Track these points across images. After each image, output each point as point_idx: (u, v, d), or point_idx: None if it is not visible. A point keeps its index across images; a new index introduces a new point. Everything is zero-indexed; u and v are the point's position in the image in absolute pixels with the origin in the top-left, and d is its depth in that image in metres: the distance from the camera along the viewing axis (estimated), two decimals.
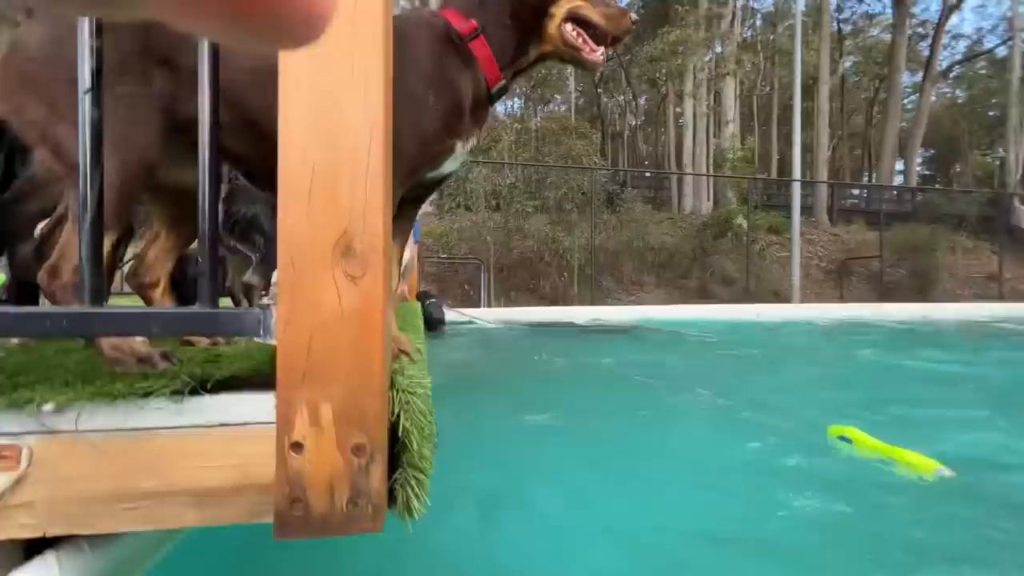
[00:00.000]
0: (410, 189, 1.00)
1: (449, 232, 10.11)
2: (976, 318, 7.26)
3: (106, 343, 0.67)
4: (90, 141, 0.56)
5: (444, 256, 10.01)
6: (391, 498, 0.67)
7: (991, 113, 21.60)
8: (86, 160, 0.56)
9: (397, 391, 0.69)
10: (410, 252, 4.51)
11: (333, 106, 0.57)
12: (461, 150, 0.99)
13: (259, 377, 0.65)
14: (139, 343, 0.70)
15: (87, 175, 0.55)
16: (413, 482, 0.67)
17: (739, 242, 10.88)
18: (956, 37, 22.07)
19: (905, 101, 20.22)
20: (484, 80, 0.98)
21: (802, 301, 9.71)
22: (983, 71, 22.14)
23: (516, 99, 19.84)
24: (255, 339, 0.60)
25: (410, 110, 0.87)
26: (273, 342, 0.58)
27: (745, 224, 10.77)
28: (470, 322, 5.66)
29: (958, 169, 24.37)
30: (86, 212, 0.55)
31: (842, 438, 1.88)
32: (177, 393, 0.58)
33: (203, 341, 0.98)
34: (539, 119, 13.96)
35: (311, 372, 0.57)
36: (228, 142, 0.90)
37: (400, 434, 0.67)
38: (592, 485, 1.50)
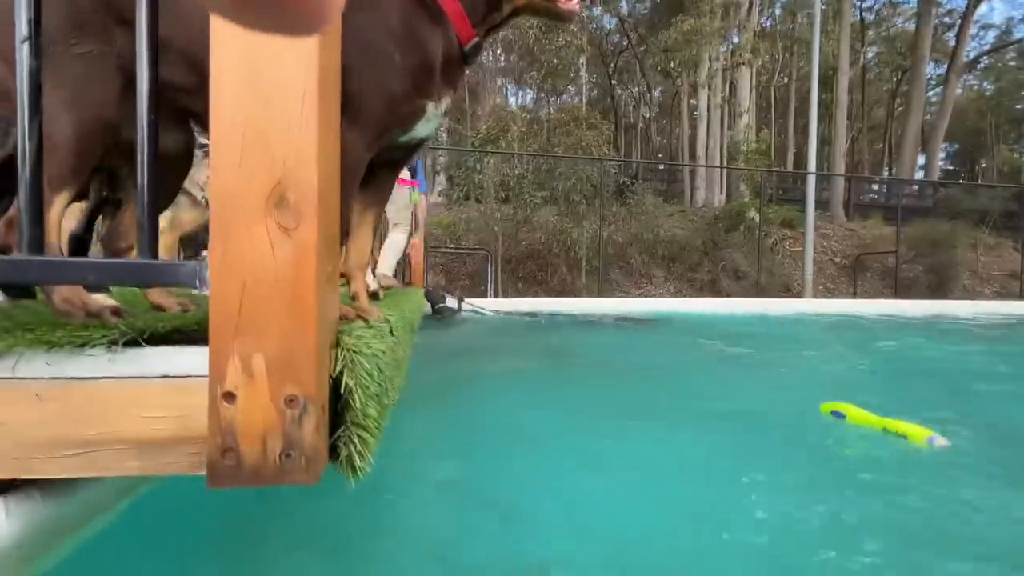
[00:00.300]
0: (382, 153, 0.98)
1: (457, 223, 10.13)
2: (993, 314, 7.06)
3: (57, 297, 0.68)
4: (28, 91, 0.56)
5: (452, 247, 10.04)
6: (335, 454, 0.68)
7: (1019, 106, 20.86)
8: (24, 111, 0.56)
9: (341, 349, 0.69)
10: (424, 203, 4.37)
11: (267, 58, 0.57)
12: (433, 111, 0.96)
13: (202, 332, 0.65)
14: (90, 298, 0.71)
15: (25, 126, 0.56)
16: (356, 440, 0.68)
17: (751, 236, 10.71)
18: (985, 27, 21.33)
19: (929, 93, 19.61)
20: (456, 37, 0.95)
21: (814, 296, 9.55)
22: (1012, 62, 21.37)
23: (528, 90, 19.72)
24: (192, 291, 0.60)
25: (376, 69, 0.86)
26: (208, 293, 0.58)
27: (757, 217, 10.59)
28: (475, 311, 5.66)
29: (983, 164, 23.63)
30: (25, 163, 0.56)
31: (835, 413, 1.91)
32: (114, 343, 0.59)
33: (174, 307, 0.99)
34: (551, 111, 13.85)
35: (243, 323, 0.57)
36: (194, 105, 0.90)
37: (343, 391, 0.67)
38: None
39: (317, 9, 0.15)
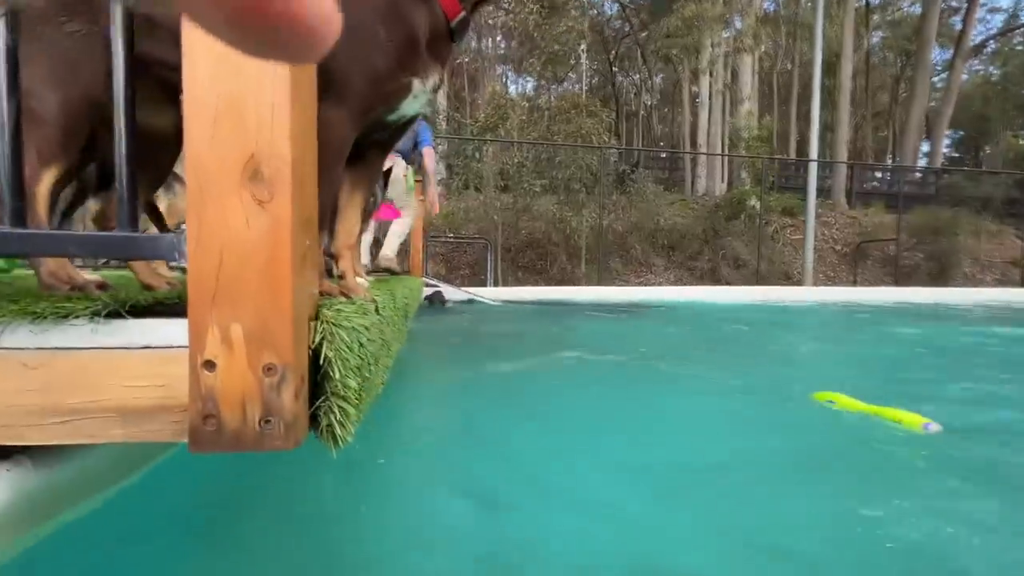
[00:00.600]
0: (370, 132, 0.98)
1: (456, 212, 10.11)
2: (993, 302, 7.07)
3: (44, 271, 0.70)
4: (4, 67, 0.57)
5: (451, 236, 10.04)
6: (316, 423, 0.70)
7: None
8: (1, 87, 0.57)
9: (321, 321, 0.70)
10: (430, 160, 4.28)
11: None
12: (420, 88, 0.94)
13: (183, 305, 0.67)
14: (76, 272, 0.72)
15: (3, 102, 0.57)
16: (336, 410, 0.70)
17: (752, 224, 10.68)
18: (992, 11, 20.99)
19: (934, 79, 19.39)
20: (442, 13, 0.94)
21: (814, 284, 9.55)
22: (1020, 47, 21.06)
23: (528, 78, 19.54)
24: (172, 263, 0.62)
25: (358, 45, 0.85)
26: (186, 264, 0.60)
27: (758, 205, 10.55)
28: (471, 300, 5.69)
29: (987, 151, 23.41)
30: (3, 136, 0.57)
31: (828, 402, 1.90)
32: (96, 314, 0.61)
33: (163, 287, 1.01)
34: (552, 98, 13.74)
35: (221, 293, 0.59)
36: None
37: (322, 362, 0.69)
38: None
39: (319, 38, 0.15)
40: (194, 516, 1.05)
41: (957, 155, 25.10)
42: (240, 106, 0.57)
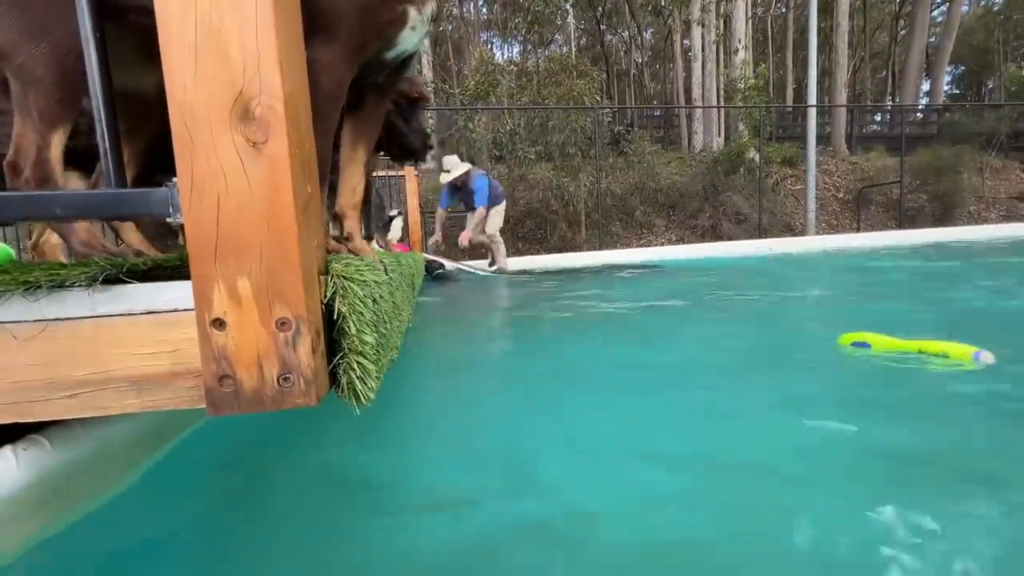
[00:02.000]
0: (367, 73, 0.91)
1: None
2: (999, 238, 7.00)
3: (75, 240, 0.67)
4: None
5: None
6: (336, 382, 0.67)
7: None
8: None
9: (332, 276, 0.67)
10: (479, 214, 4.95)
11: None
12: (417, 18, 0.86)
13: (185, 266, 0.63)
14: (108, 242, 0.69)
15: None
16: (356, 366, 0.67)
17: (752, 177, 10.50)
18: None
19: (934, 13, 18.68)
20: None
21: (817, 233, 9.45)
22: None
23: (514, 43, 18.90)
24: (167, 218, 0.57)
25: None
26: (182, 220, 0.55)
27: (757, 158, 10.34)
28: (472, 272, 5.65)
29: (990, 86, 22.78)
30: None
31: (856, 344, 1.77)
32: (93, 280, 0.57)
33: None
34: (540, 61, 13.31)
35: (223, 246, 0.55)
36: None
37: (336, 317, 0.65)
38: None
39: None
40: (219, 488, 1.05)
41: (959, 92, 24.45)
42: (221, 34, 0.52)
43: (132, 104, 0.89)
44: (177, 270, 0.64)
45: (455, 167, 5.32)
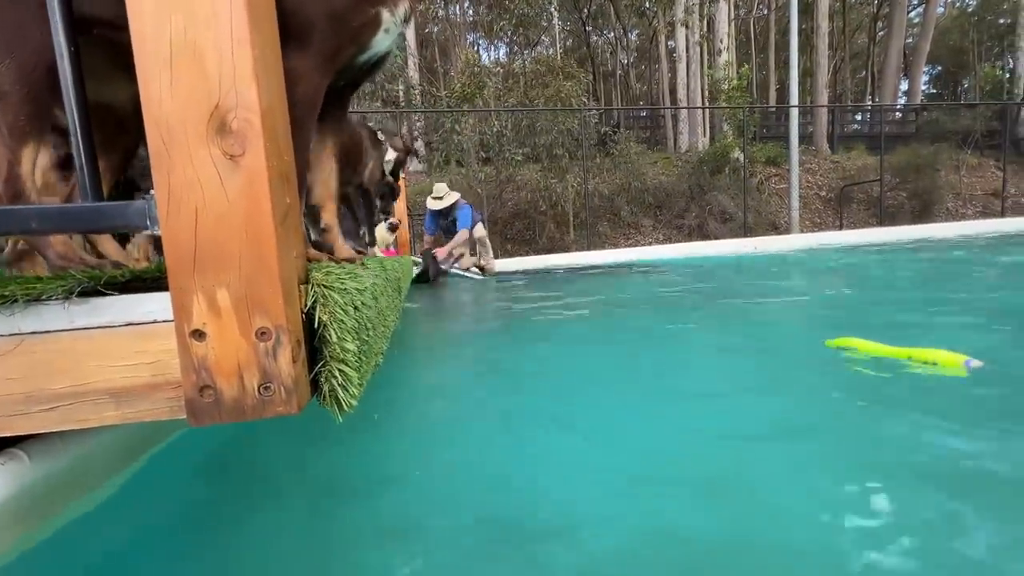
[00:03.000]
0: (341, 76, 0.91)
1: None
2: (977, 234, 7.18)
3: (52, 254, 0.66)
4: None
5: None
6: (318, 390, 0.68)
7: (1002, 20, 20.39)
8: None
9: (312, 284, 0.67)
10: (478, 232, 5.36)
11: None
12: (391, 19, 0.86)
13: (163, 278, 0.64)
14: (85, 254, 0.69)
15: None
16: (338, 374, 0.68)
17: (736, 177, 10.64)
18: None
19: (910, 14, 19.09)
20: None
21: (801, 231, 9.61)
22: None
23: (501, 44, 18.92)
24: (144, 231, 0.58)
25: None
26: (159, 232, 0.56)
27: (742, 157, 10.49)
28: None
29: (966, 85, 23.34)
30: None
31: (842, 349, 1.70)
32: (70, 293, 0.57)
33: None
34: (526, 63, 13.36)
35: (201, 258, 0.56)
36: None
37: (316, 326, 0.66)
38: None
39: None
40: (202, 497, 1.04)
41: (935, 91, 25.02)
42: (196, 48, 0.52)
43: (106, 115, 0.88)
44: (156, 282, 0.64)
45: (446, 195, 5.46)
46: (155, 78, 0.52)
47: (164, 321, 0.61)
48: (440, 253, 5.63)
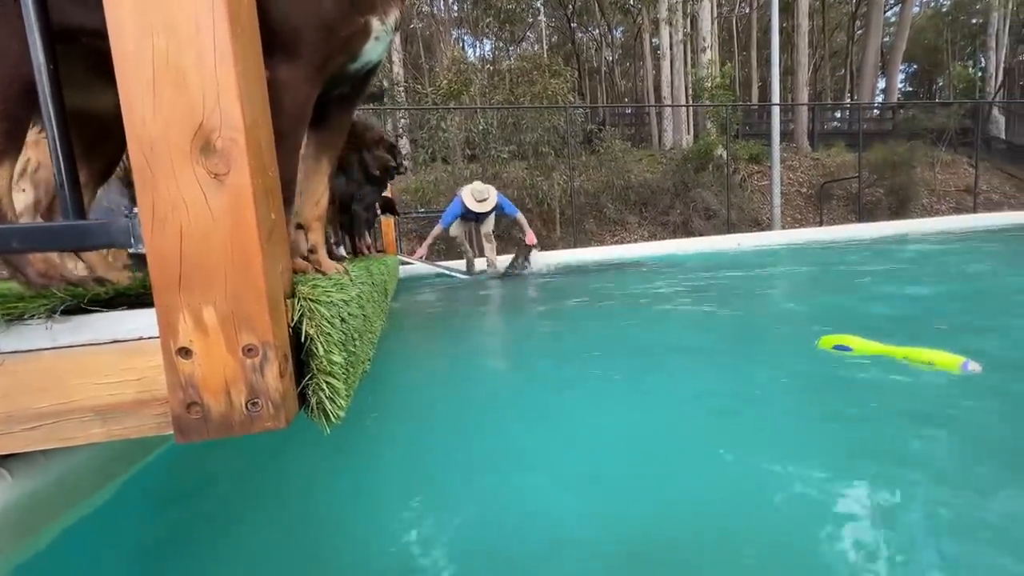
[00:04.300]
0: (332, 86, 0.90)
1: (425, 186, 9.87)
2: (950, 229, 7.40)
3: (32, 272, 0.65)
4: None
5: (423, 211, 9.82)
6: (305, 402, 0.69)
7: (975, 21, 20.94)
8: None
9: (298, 299, 0.68)
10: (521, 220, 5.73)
11: None
12: (381, 28, 0.85)
13: (148, 294, 0.64)
14: (67, 268, 0.68)
15: None
16: (325, 387, 0.68)
17: (720, 174, 10.78)
18: None
19: (887, 14, 19.48)
20: None
21: (783, 228, 9.78)
22: None
23: (486, 40, 18.84)
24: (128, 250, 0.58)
25: None
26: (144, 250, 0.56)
27: (725, 155, 10.63)
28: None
29: (940, 84, 23.92)
30: None
31: (838, 347, 1.67)
32: (53, 312, 0.57)
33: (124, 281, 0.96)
34: (511, 60, 13.33)
35: (187, 276, 0.56)
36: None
37: (303, 340, 0.67)
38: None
39: None
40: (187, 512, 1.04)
41: (911, 89, 25.61)
42: (180, 68, 0.52)
43: (86, 125, 0.87)
44: (141, 298, 0.64)
45: (490, 197, 5.53)
46: (138, 99, 0.52)
47: (150, 338, 0.61)
48: (421, 251, 5.78)
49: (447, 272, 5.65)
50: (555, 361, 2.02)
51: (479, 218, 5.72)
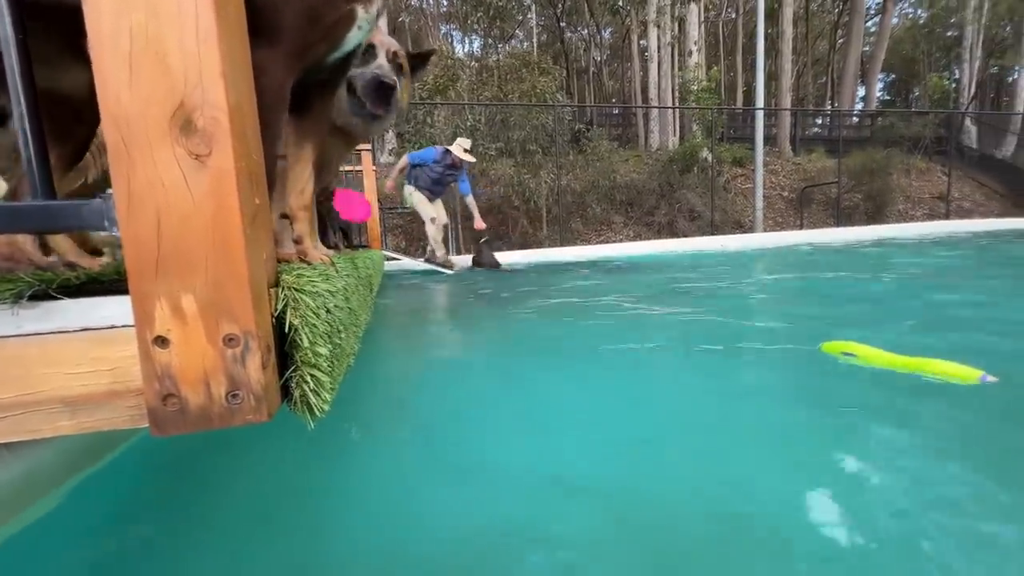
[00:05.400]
0: (312, 73, 0.88)
1: None
2: (925, 235, 7.62)
3: None
4: None
5: (408, 207, 9.74)
6: (289, 395, 0.67)
7: (950, 33, 21.60)
8: None
9: (282, 288, 0.66)
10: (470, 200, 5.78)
11: None
12: (365, 16, 0.84)
13: (123, 280, 0.61)
14: (36, 252, 0.64)
15: None
16: (309, 379, 0.66)
17: (705, 176, 10.93)
18: None
19: (868, 23, 19.98)
20: None
21: (764, 230, 9.96)
22: None
23: (475, 37, 18.75)
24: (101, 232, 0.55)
25: None
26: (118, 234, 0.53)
27: (710, 157, 10.77)
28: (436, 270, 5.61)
29: (916, 93, 24.62)
30: None
31: (846, 355, 1.58)
32: (19, 297, 0.54)
33: (94, 266, 0.92)
34: (500, 57, 13.29)
35: (165, 262, 0.53)
36: None
37: (287, 330, 0.65)
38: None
39: None
40: (163, 502, 1.00)
41: (889, 97, 26.31)
42: (160, 43, 0.50)
43: (57, 105, 0.83)
44: (114, 284, 0.61)
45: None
46: (114, 74, 0.50)
47: (124, 326, 0.58)
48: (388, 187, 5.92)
49: (435, 268, 5.61)
50: (537, 355, 2.02)
51: (454, 178, 5.62)
